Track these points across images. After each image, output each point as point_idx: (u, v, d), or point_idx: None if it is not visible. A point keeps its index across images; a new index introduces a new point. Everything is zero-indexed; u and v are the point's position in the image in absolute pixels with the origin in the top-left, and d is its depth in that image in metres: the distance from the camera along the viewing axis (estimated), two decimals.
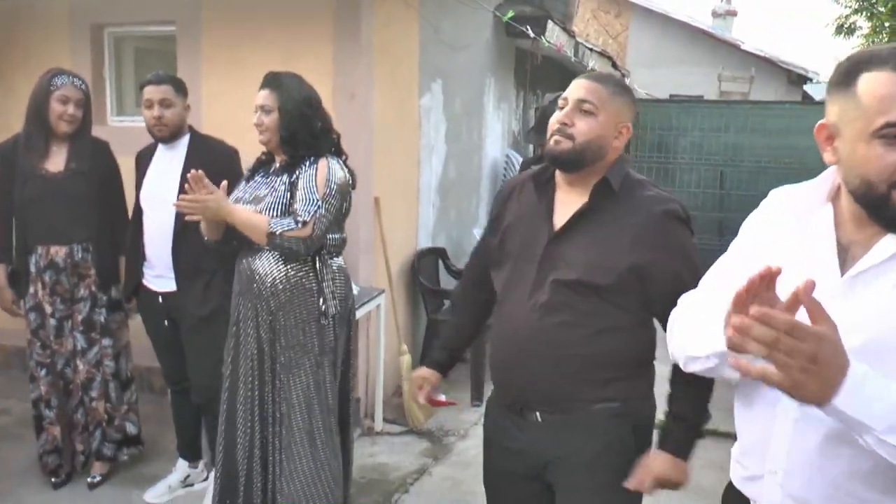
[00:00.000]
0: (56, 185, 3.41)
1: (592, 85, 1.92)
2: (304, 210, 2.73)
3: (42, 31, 4.78)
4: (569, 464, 1.96)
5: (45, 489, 3.62)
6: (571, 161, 1.91)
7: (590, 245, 1.89)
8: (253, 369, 2.90)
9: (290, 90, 2.81)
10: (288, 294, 2.82)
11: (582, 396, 1.93)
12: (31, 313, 3.50)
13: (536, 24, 6.07)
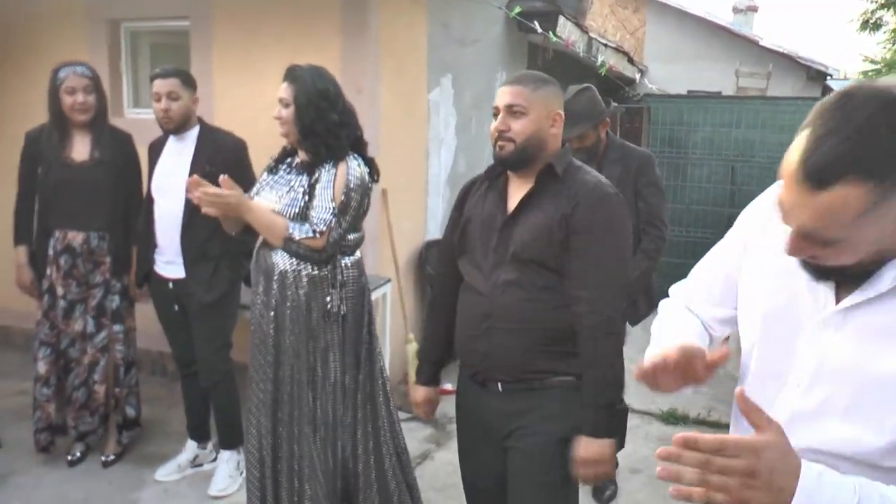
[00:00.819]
0: (78, 174, 3.56)
1: (515, 88, 2.10)
2: (319, 219, 2.74)
3: (61, 27, 4.93)
4: (518, 428, 2.14)
5: (62, 467, 3.78)
6: (519, 160, 2.11)
7: (534, 224, 2.08)
8: (270, 362, 2.91)
9: (305, 83, 2.77)
10: (303, 289, 2.82)
11: (539, 368, 2.10)
12: (46, 294, 3.65)
13: (547, 19, 6.11)
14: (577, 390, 2.08)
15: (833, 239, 1.08)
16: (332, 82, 2.85)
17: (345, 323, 2.91)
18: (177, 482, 3.70)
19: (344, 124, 2.81)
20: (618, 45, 9.12)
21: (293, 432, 2.86)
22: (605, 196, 2.09)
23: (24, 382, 4.73)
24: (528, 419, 2.12)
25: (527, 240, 2.07)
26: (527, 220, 2.10)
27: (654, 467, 3.55)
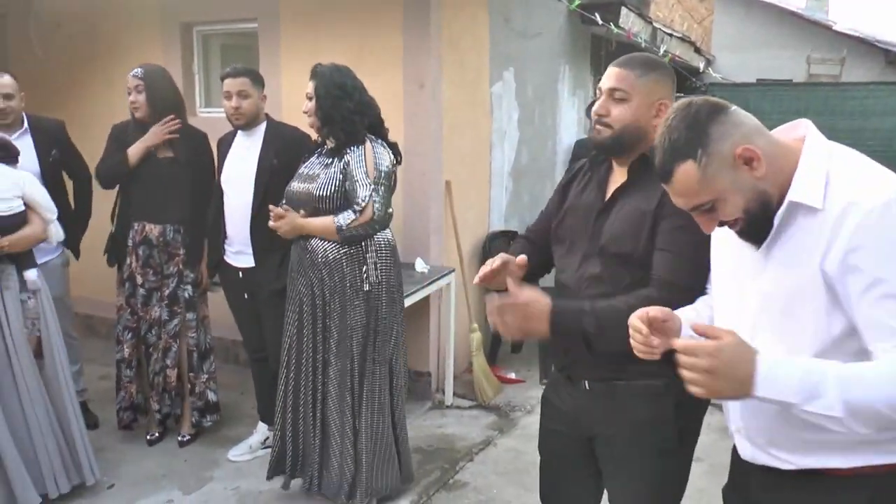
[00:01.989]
0: (156, 169, 3.76)
1: (621, 72, 1.98)
2: (360, 197, 3.12)
3: (137, 31, 5.18)
4: (611, 435, 2.09)
5: (142, 445, 4.02)
6: (613, 147, 2.01)
7: (623, 218, 1.99)
8: (308, 337, 3.25)
9: (324, 78, 3.16)
10: (336, 264, 3.17)
11: (624, 369, 1.98)
12: (126, 282, 3.87)
13: (609, 10, 6.10)
14: (666, 396, 1.98)
15: (707, 202, 1.51)
16: (351, 77, 3.23)
17: (376, 298, 3.23)
18: (248, 462, 3.88)
19: (359, 112, 3.18)
20: (683, 35, 9.02)
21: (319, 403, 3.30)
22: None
23: (107, 368, 5.01)
24: (618, 426, 2.06)
25: (616, 233, 1.99)
26: (618, 213, 2.01)
27: (715, 456, 3.65)
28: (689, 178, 1.49)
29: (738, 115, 1.51)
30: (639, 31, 6.81)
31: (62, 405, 3.41)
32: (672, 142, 1.50)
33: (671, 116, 1.52)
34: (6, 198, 3.21)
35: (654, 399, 2.01)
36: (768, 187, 1.49)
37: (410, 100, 4.35)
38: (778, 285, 1.52)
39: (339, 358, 3.21)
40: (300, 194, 3.20)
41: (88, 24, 5.32)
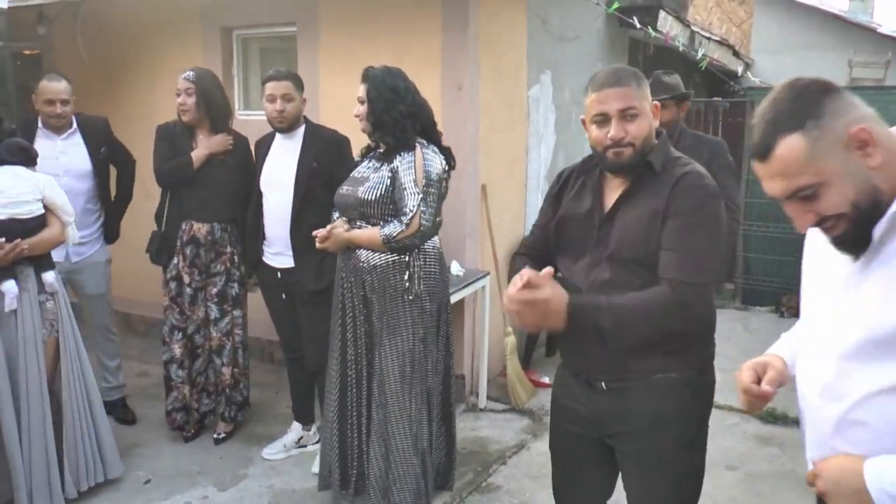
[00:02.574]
0: (206, 170, 3.83)
1: (624, 90, 1.98)
2: (408, 207, 3.02)
3: (178, 35, 5.26)
4: (630, 431, 2.09)
5: (178, 442, 4.08)
6: (639, 164, 2.01)
7: (632, 222, 2.00)
8: (354, 341, 3.22)
9: (376, 81, 3.09)
10: (381, 271, 3.10)
11: (642, 367, 2.03)
12: (172, 282, 3.93)
13: (647, 13, 6.06)
14: (685, 387, 2.05)
15: (810, 185, 1.32)
16: (403, 79, 3.14)
17: (420, 307, 3.13)
18: (282, 461, 3.92)
19: (411, 115, 3.09)
20: (722, 38, 8.93)
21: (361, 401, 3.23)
22: (700, 186, 1.98)
23: (145, 365, 5.11)
24: (636, 421, 2.07)
25: (625, 239, 2.00)
26: (624, 219, 2.02)
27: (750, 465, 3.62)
28: (793, 154, 1.31)
29: (853, 96, 1.35)
30: (677, 35, 6.75)
31: (82, 408, 3.42)
32: (777, 113, 1.34)
33: (777, 91, 1.38)
34: (27, 201, 3.23)
35: (672, 392, 2.04)
36: (881, 183, 1.30)
37: (448, 102, 4.37)
38: (880, 311, 1.32)
39: (382, 363, 3.16)
40: (348, 198, 3.16)
41: (131, 28, 5.42)
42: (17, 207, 3.17)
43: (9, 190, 3.16)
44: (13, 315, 3.17)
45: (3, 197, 3.14)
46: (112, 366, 4.37)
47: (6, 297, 3.14)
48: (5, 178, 3.17)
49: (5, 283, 3.14)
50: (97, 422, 3.52)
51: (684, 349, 2.03)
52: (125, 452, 3.94)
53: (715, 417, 3.76)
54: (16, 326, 3.18)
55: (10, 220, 3.15)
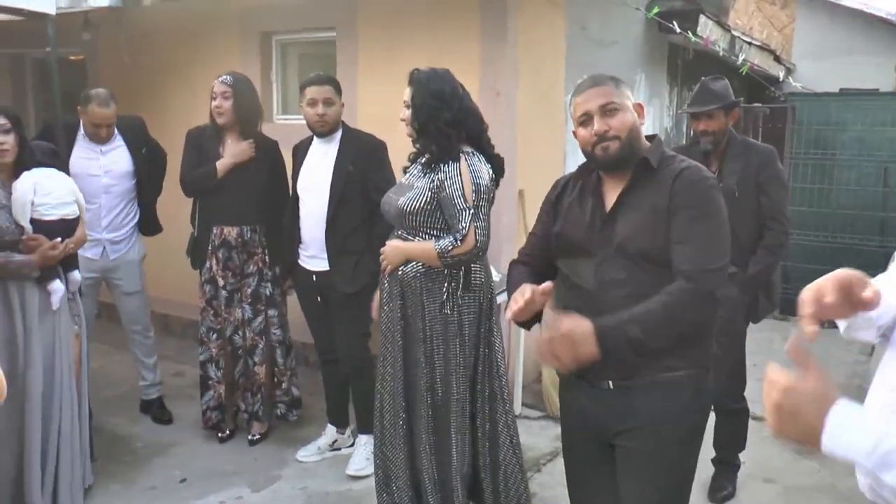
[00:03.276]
0: (230, 173, 3.86)
1: (601, 89, 2.10)
2: (460, 223, 2.88)
3: (218, 40, 5.33)
4: (632, 428, 2.11)
5: (213, 442, 4.13)
6: (627, 156, 2.08)
7: (636, 218, 2.06)
8: (395, 346, 3.13)
9: (420, 85, 2.95)
10: (424, 278, 3.00)
11: (647, 365, 2.04)
12: (207, 285, 3.98)
13: (687, 18, 6.00)
14: (691, 386, 2.09)
15: None
16: (450, 83, 2.99)
17: (462, 317, 3.03)
18: (316, 463, 3.94)
19: (457, 123, 2.94)
20: (763, 43, 8.80)
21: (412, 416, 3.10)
22: (700, 178, 2.06)
23: (181, 365, 5.17)
24: (640, 419, 2.09)
25: (629, 234, 2.05)
26: (626, 216, 2.08)
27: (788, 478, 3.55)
28: None
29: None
30: (717, 40, 6.67)
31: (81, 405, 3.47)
32: None
33: None
34: (68, 202, 3.28)
35: (677, 390, 2.08)
36: None
37: (486, 108, 4.28)
38: None
39: (426, 373, 3.06)
40: (391, 206, 3.07)
41: (173, 33, 5.50)
42: (64, 208, 3.24)
43: (55, 191, 3.21)
44: (52, 314, 3.23)
45: (52, 198, 3.19)
46: (149, 363, 4.44)
47: (53, 296, 3.21)
48: (50, 180, 3.23)
49: (53, 282, 3.20)
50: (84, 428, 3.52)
51: (689, 346, 2.07)
52: (161, 452, 4.00)
53: (753, 428, 3.75)
54: (54, 325, 3.25)
55: (59, 220, 3.22)
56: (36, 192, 3.13)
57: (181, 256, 4.15)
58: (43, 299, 3.19)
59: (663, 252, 2.02)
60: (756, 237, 3.47)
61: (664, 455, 2.11)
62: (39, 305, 3.18)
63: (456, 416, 3.05)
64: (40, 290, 3.18)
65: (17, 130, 3.16)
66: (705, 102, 3.52)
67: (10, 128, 3.13)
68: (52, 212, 3.18)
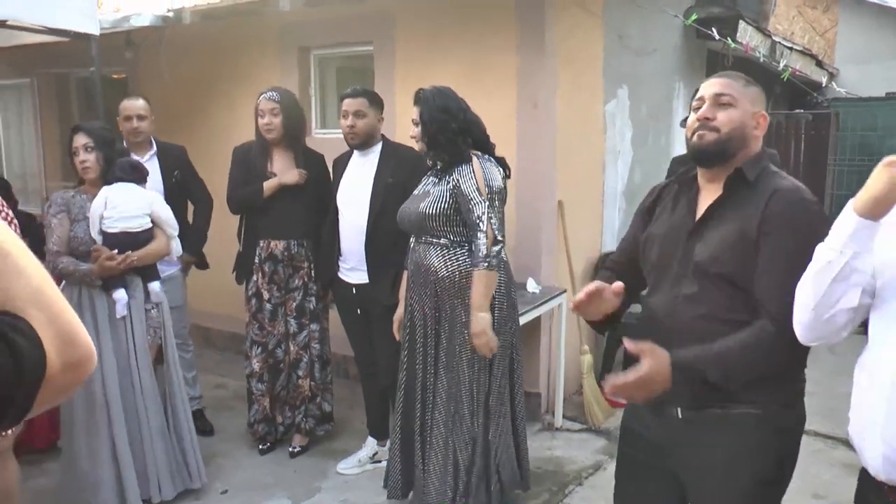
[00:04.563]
0: (279, 190, 3.89)
1: (725, 80, 2.00)
2: (475, 214, 3.06)
3: (257, 56, 5.39)
4: (704, 466, 1.99)
5: (254, 454, 4.16)
6: (718, 152, 1.96)
7: (723, 235, 1.92)
8: (424, 353, 3.24)
9: (428, 103, 3.19)
10: (453, 282, 3.14)
11: (721, 396, 1.92)
12: (252, 299, 4.01)
13: (726, 24, 5.92)
14: (764, 423, 1.92)
15: None
16: (454, 99, 3.24)
17: (496, 310, 3.17)
18: (356, 476, 3.94)
19: (463, 132, 3.17)
20: (805, 48, 8.67)
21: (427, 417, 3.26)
22: (801, 200, 1.89)
23: (222, 378, 5.22)
24: (710, 457, 1.97)
25: (712, 252, 1.92)
26: (713, 231, 1.95)
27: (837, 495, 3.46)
28: None
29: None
30: (757, 46, 6.58)
31: (176, 410, 3.61)
32: None
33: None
34: (138, 215, 3.43)
35: (749, 428, 1.93)
36: None
37: (524, 119, 4.35)
38: None
39: (448, 373, 3.19)
40: (410, 214, 3.23)
41: (212, 50, 5.58)
42: (128, 221, 3.39)
43: (122, 205, 3.38)
44: (123, 322, 3.38)
45: (117, 212, 3.36)
46: (189, 377, 4.48)
47: (118, 304, 3.35)
48: (119, 194, 3.40)
49: (117, 291, 3.34)
50: (186, 429, 3.66)
51: (768, 382, 1.92)
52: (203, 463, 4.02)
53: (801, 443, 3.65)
54: (126, 333, 3.39)
55: (122, 233, 3.37)
56: (106, 205, 3.34)
57: (223, 269, 4.19)
58: (111, 307, 3.37)
59: (744, 276, 1.89)
60: None
61: (741, 497, 1.97)
62: (109, 312, 3.37)
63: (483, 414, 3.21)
64: (108, 298, 3.36)
65: (101, 149, 3.40)
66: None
67: (94, 146, 3.38)
68: (115, 224, 3.36)
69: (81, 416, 3.32)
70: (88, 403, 3.30)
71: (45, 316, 0.75)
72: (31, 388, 0.72)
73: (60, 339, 0.75)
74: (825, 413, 4.65)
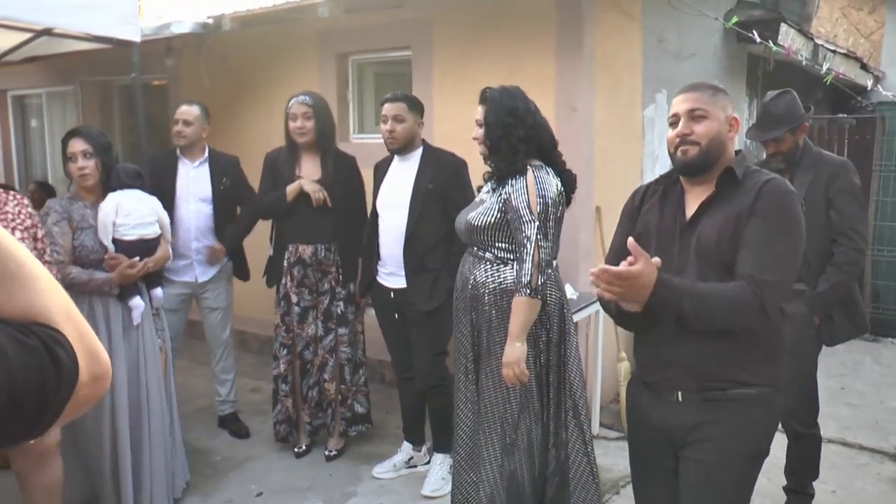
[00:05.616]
0: (306, 194, 3.89)
1: (694, 94, 2.15)
2: (525, 235, 2.84)
3: (296, 62, 5.43)
4: (700, 440, 2.14)
5: (289, 457, 4.18)
6: (703, 163, 2.12)
7: (717, 226, 2.08)
8: (467, 366, 3.14)
9: (494, 102, 2.96)
10: (493, 300, 2.97)
11: (721, 377, 2.09)
12: (281, 301, 4.04)
13: (767, 27, 5.83)
14: (761, 404, 2.12)
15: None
16: (522, 100, 2.99)
17: (535, 337, 2.96)
18: (392, 480, 3.93)
19: (529, 139, 2.94)
20: (849, 51, 8.50)
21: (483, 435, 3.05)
22: (785, 191, 2.08)
23: (258, 381, 5.26)
24: (707, 431, 2.12)
25: (709, 240, 2.08)
26: (707, 224, 2.10)
27: None
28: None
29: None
30: (799, 49, 6.47)
31: (174, 415, 3.64)
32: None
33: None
34: (150, 222, 3.42)
35: (747, 407, 2.10)
36: None
37: (562, 124, 4.31)
38: None
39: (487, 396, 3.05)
40: (460, 222, 3.10)
41: (251, 56, 5.64)
42: (144, 228, 3.37)
43: (135, 212, 3.34)
44: (135, 329, 3.36)
45: (132, 218, 3.32)
46: (227, 380, 4.52)
47: (134, 312, 3.33)
48: (131, 200, 3.36)
49: (133, 299, 3.32)
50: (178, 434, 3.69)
51: (761, 363, 2.11)
52: (238, 465, 4.06)
53: (844, 456, 3.59)
54: (139, 340, 3.37)
55: (139, 240, 3.34)
56: (118, 212, 3.28)
57: (259, 273, 4.22)
58: (125, 315, 3.33)
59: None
60: (825, 254, 3.29)
61: (730, 470, 2.14)
62: (123, 320, 3.32)
63: (522, 433, 2.99)
64: (122, 306, 3.32)
65: (100, 155, 3.31)
66: (766, 128, 3.39)
67: (93, 153, 3.29)
68: (131, 232, 3.31)
69: (88, 423, 3.25)
70: (96, 410, 3.20)
71: (77, 331, 0.81)
72: (64, 399, 0.77)
73: (88, 353, 0.81)
74: (871, 426, 4.55)
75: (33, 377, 0.72)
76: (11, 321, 0.75)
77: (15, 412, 0.72)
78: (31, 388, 0.72)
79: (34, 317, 0.77)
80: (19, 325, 0.75)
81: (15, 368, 0.71)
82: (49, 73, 6.86)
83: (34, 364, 0.73)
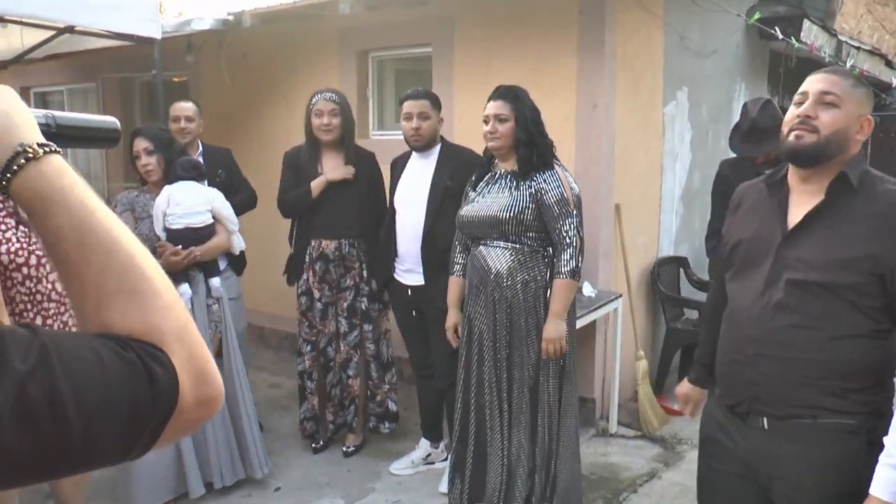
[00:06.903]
0: (330, 189, 3.90)
1: (833, 77, 1.87)
2: (564, 228, 3.05)
3: (316, 59, 5.44)
4: (791, 478, 1.91)
5: (307, 453, 4.19)
6: (815, 155, 1.85)
7: (826, 243, 1.83)
8: (484, 357, 3.20)
9: (525, 101, 3.14)
10: (519, 286, 3.09)
11: (811, 404, 1.86)
12: (303, 297, 4.04)
13: (790, 24, 5.76)
14: (857, 435, 1.84)
15: None
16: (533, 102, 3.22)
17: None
18: (410, 477, 3.93)
19: (545, 136, 3.17)
20: (873, 48, 8.41)
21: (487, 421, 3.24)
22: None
23: (276, 377, 5.27)
24: (798, 468, 1.89)
25: (816, 259, 1.83)
26: (816, 238, 1.85)
27: None
28: None
29: None
30: (822, 45, 6.39)
31: (236, 403, 3.64)
32: None
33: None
34: (199, 211, 3.54)
35: (842, 439, 1.85)
36: None
37: (583, 121, 4.30)
38: None
39: (518, 384, 3.16)
40: (483, 218, 3.15)
41: (272, 53, 5.65)
42: (191, 218, 3.51)
43: (184, 202, 3.50)
44: None
45: (180, 208, 3.48)
46: None
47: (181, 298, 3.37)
48: (181, 192, 3.51)
49: (180, 286, 3.43)
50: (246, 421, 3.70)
51: (862, 389, 1.84)
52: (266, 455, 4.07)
53: None
54: None
55: (185, 228, 3.50)
56: (169, 203, 3.47)
57: (277, 269, 4.23)
58: None
59: (853, 291, 1.81)
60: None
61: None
62: None
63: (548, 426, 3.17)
64: None
65: (161, 151, 3.55)
66: (759, 143, 3.45)
67: (153, 149, 3.53)
68: (178, 221, 3.48)
69: None
70: None
71: (187, 352, 0.77)
72: (160, 421, 0.73)
73: (196, 375, 0.77)
74: None
75: (125, 392, 0.70)
76: (113, 335, 0.73)
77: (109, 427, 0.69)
78: (123, 403, 0.70)
79: (142, 335, 0.74)
80: (119, 339, 0.72)
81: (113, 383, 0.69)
82: (71, 70, 6.92)
83: (131, 378, 0.70)
